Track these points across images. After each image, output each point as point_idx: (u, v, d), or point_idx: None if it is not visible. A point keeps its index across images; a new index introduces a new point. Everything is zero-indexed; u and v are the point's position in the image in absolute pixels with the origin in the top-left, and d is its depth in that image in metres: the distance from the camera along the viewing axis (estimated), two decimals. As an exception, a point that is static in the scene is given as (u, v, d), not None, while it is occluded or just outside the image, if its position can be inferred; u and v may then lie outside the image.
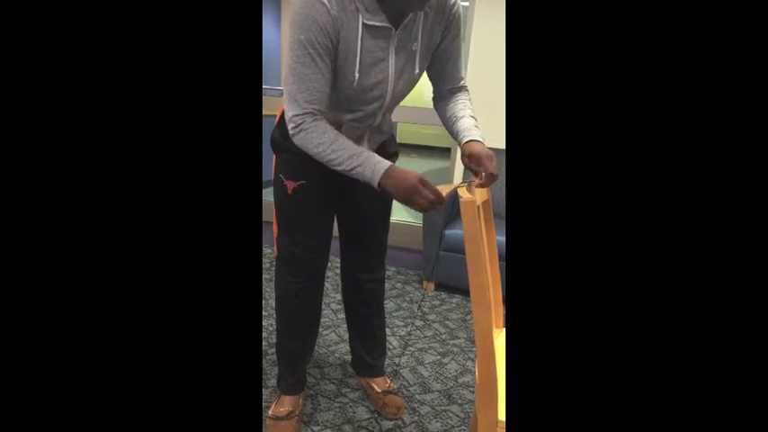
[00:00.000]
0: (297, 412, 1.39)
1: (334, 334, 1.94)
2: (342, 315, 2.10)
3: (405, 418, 1.46)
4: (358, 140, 1.19)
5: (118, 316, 0.55)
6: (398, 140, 1.42)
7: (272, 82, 3.48)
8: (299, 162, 1.14)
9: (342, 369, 1.70)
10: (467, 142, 1.08)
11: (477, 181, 1.01)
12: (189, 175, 0.57)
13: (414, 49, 1.06)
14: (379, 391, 1.50)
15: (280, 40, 3.98)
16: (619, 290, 0.53)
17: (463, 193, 0.83)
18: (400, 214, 3.24)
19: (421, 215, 2.39)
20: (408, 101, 1.42)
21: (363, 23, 0.98)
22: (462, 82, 1.20)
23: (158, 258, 0.56)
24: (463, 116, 1.14)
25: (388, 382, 1.55)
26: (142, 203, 0.56)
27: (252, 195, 0.60)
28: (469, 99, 1.20)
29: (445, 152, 3.69)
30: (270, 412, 1.37)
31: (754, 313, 0.50)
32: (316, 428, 1.39)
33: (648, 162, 0.53)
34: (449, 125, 1.18)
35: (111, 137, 0.55)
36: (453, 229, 2.37)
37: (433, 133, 8.38)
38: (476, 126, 1.12)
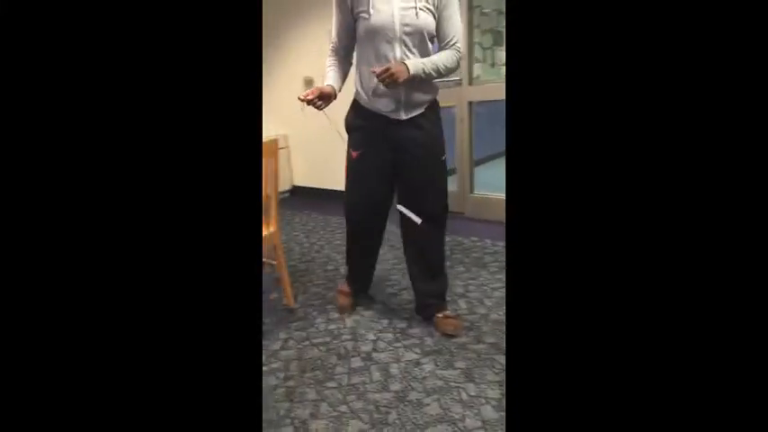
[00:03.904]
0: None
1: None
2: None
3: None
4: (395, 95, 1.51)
5: (114, 313, 0.54)
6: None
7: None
8: (360, 137, 1.61)
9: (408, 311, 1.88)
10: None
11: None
12: (189, 173, 0.56)
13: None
14: (440, 315, 1.71)
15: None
16: (620, 286, 0.53)
17: None
18: (485, 188, 3.15)
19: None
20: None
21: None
22: (452, 42, 1.53)
23: (157, 256, 0.55)
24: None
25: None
26: (143, 201, 0.55)
27: (252, 192, 0.59)
28: (452, 53, 1.52)
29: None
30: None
31: (756, 319, 0.48)
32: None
33: (649, 161, 0.51)
34: None
35: (112, 136, 0.54)
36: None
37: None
38: (423, 62, 1.47)
